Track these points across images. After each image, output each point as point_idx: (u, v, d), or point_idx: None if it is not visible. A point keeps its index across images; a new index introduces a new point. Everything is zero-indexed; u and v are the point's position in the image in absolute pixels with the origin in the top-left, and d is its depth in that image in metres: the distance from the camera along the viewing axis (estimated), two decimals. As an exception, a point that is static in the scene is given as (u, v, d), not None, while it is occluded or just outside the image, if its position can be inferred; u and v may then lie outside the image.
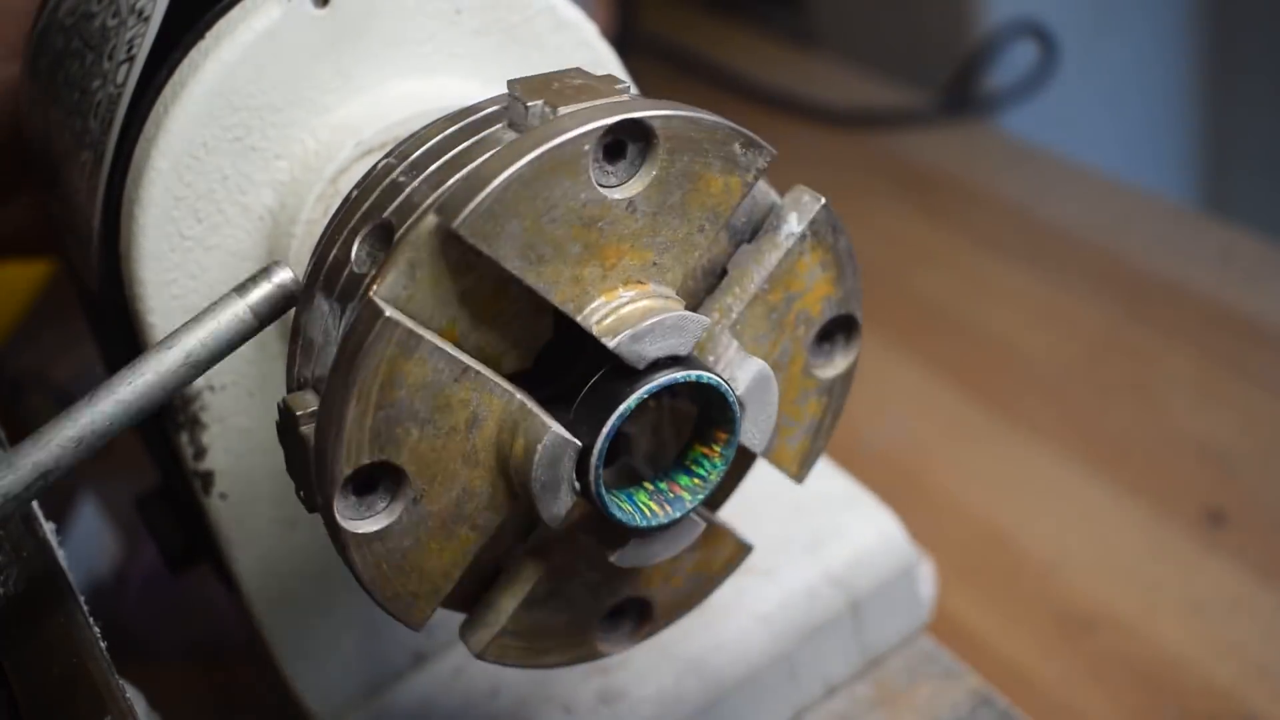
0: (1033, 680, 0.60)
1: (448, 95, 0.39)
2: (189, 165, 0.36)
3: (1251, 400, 0.73)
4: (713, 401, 0.32)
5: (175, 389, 0.29)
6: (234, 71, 0.36)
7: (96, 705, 0.27)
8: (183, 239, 0.37)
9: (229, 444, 0.39)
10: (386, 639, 0.45)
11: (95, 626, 0.30)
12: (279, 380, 0.39)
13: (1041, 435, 0.73)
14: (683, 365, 0.30)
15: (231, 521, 0.40)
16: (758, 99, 1.12)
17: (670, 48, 1.23)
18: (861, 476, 0.50)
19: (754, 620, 0.46)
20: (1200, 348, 0.78)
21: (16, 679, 0.29)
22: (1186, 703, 0.57)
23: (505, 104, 0.31)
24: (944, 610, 0.52)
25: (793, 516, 0.48)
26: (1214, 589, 0.62)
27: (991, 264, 0.90)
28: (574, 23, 0.41)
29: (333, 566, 0.42)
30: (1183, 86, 1.24)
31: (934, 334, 0.84)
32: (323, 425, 0.28)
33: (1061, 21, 1.10)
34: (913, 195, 0.99)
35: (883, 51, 1.19)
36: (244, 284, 0.30)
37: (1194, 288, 0.83)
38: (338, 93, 0.38)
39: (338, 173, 0.37)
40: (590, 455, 0.30)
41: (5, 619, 0.30)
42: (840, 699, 0.47)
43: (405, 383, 0.28)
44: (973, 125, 1.08)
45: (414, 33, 0.38)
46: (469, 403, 0.29)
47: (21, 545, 0.32)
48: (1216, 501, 0.67)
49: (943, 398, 0.78)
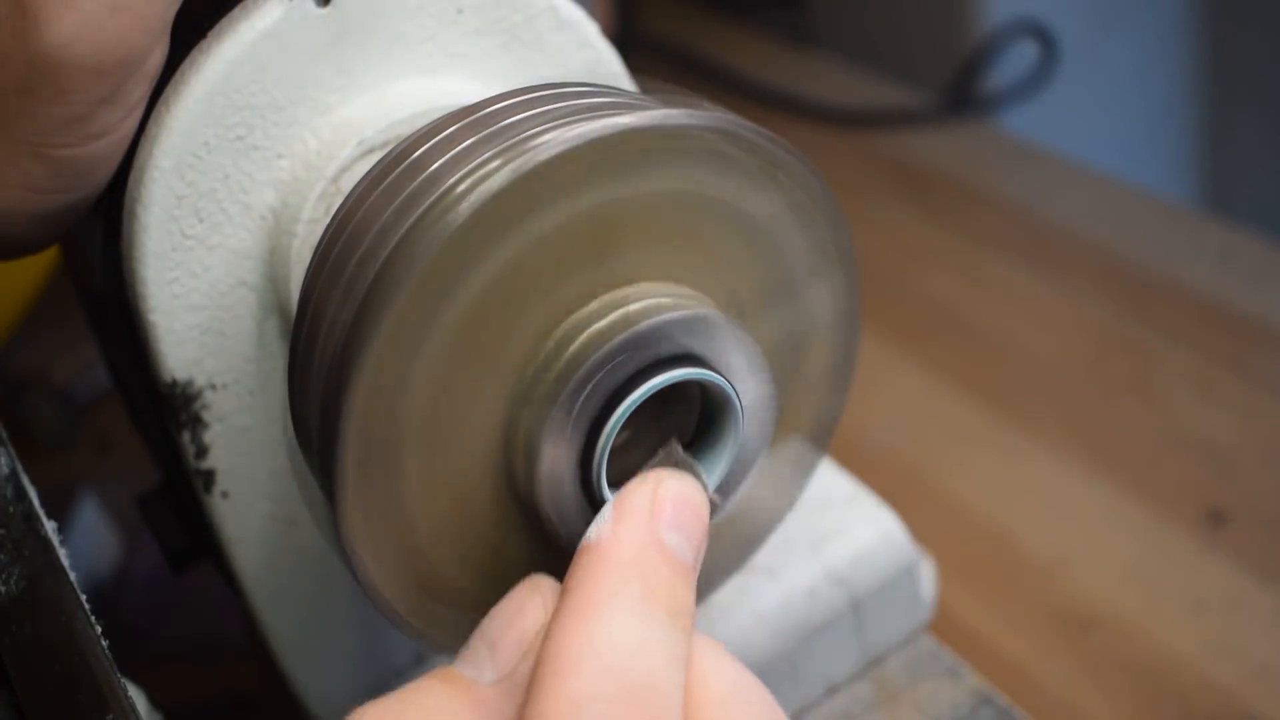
0: (1033, 679, 0.60)
1: (449, 94, 0.39)
2: (191, 164, 0.36)
3: (1251, 400, 0.73)
4: (713, 399, 0.32)
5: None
6: (236, 70, 0.36)
7: (98, 704, 0.27)
8: (184, 238, 0.37)
9: (230, 443, 0.39)
10: (387, 638, 0.45)
11: (96, 625, 0.30)
12: (280, 379, 0.39)
13: (1041, 435, 0.73)
14: (686, 363, 0.30)
15: (232, 520, 0.40)
16: (758, 99, 1.12)
17: (670, 47, 1.23)
18: (862, 476, 0.50)
19: (755, 619, 0.46)
20: (1200, 348, 0.78)
21: (18, 678, 0.29)
22: (1186, 702, 0.57)
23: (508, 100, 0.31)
24: (945, 610, 0.52)
25: (794, 516, 0.48)
26: (1214, 589, 0.62)
27: (991, 264, 0.90)
28: (575, 22, 0.41)
29: (333, 565, 0.42)
30: (1183, 86, 1.24)
31: (934, 334, 0.84)
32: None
33: (1061, 21, 1.10)
34: (913, 195, 0.99)
35: (883, 51, 1.19)
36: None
37: (1194, 288, 0.83)
38: (340, 92, 0.38)
39: (340, 171, 0.37)
40: (593, 454, 0.30)
41: (6, 618, 0.30)
42: (841, 698, 0.47)
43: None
44: (973, 125, 1.08)
45: (416, 32, 0.38)
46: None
47: (23, 544, 0.32)
48: (1216, 501, 0.67)
49: (943, 397, 0.78)
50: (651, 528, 0.28)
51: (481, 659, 0.28)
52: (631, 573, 0.27)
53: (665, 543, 0.28)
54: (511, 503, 0.32)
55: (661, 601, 0.26)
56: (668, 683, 0.26)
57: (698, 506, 0.29)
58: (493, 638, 0.28)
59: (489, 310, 0.29)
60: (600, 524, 0.28)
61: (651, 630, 0.26)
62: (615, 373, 0.30)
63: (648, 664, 0.25)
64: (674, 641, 0.26)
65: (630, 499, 0.28)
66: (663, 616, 0.26)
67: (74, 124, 0.33)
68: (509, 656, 0.28)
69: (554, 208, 0.29)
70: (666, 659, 0.26)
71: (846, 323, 0.36)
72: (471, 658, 0.28)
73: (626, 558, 0.27)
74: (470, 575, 0.32)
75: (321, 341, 0.30)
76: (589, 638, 0.25)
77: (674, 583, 0.27)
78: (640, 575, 0.27)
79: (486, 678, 0.27)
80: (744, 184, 0.31)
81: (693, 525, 0.28)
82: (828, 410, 0.38)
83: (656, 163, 0.30)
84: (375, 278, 0.28)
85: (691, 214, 0.31)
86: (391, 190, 0.31)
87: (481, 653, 0.28)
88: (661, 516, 0.28)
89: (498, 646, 0.28)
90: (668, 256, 0.31)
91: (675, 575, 0.27)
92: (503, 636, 0.28)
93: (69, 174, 0.34)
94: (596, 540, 0.27)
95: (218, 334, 0.38)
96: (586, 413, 0.30)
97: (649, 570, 0.27)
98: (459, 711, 0.27)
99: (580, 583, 0.27)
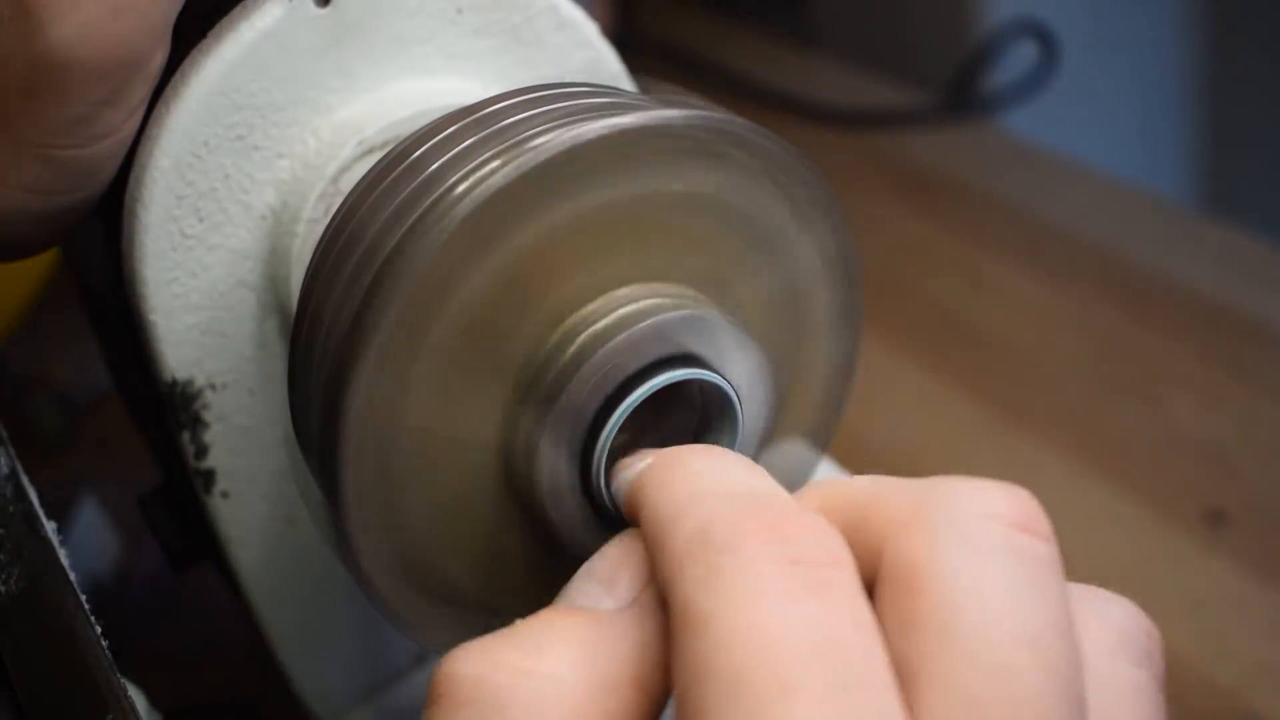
0: (1033, 680, 0.60)
1: (449, 94, 0.39)
2: (191, 164, 0.36)
3: (1252, 401, 0.73)
4: (713, 399, 0.32)
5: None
6: (236, 70, 0.36)
7: (98, 704, 0.27)
8: (184, 238, 0.37)
9: (230, 443, 0.39)
10: (387, 638, 0.45)
11: (97, 626, 0.30)
12: (280, 379, 0.39)
13: (1041, 435, 0.73)
14: (685, 363, 0.30)
15: (232, 520, 0.40)
16: (758, 99, 1.12)
17: (670, 47, 1.23)
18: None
19: (755, 620, 0.45)
20: (1201, 348, 0.78)
21: (18, 678, 0.29)
22: (1186, 702, 0.57)
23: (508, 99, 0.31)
24: (944, 610, 0.52)
25: (793, 516, 0.48)
26: (1214, 589, 0.62)
27: (991, 264, 0.90)
28: (576, 22, 0.41)
29: (333, 565, 0.42)
30: (1183, 87, 1.24)
31: (934, 334, 0.84)
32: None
33: (1062, 22, 1.10)
34: (913, 195, 0.99)
35: (883, 51, 1.19)
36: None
37: (1194, 288, 0.83)
38: (340, 92, 0.38)
39: (340, 171, 0.37)
40: (593, 455, 0.30)
41: (6, 618, 0.30)
42: (841, 699, 0.47)
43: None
44: (973, 125, 1.08)
45: (415, 32, 0.38)
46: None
47: (23, 544, 0.32)
48: (1216, 501, 0.67)
49: (943, 397, 0.78)
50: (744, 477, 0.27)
51: (597, 594, 0.26)
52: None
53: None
54: (511, 502, 0.32)
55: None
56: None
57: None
58: (603, 576, 0.27)
59: (489, 310, 0.29)
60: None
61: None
62: (615, 373, 0.30)
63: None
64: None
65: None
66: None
67: (76, 125, 0.33)
68: (628, 587, 0.26)
69: (554, 208, 0.29)
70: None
71: (846, 325, 0.36)
72: (583, 592, 0.27)
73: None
74: (470, 574, 0.32)
75: (321, 341, 0.30)
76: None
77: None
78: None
79: (606, 605, 0.26)
80: (744, 184, 0.31)
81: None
82: (828, 411, 0.38)
83: (656, 163, 0.30)
84: (375, 278, 0.28)
85: (691, 214, 0.31)
86: (391, 190, 0.31)
87: (594, 589, 0.26)
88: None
89: (614, 581, 0.26)
90: (668, 257, 0.31)
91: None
92: (617, 572, 0.27)
93: (71, 175, 0.34)
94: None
95: (218, 334, 0.38)
96: (586, 413, 0.30)
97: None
98: (582, 634, 0.25)
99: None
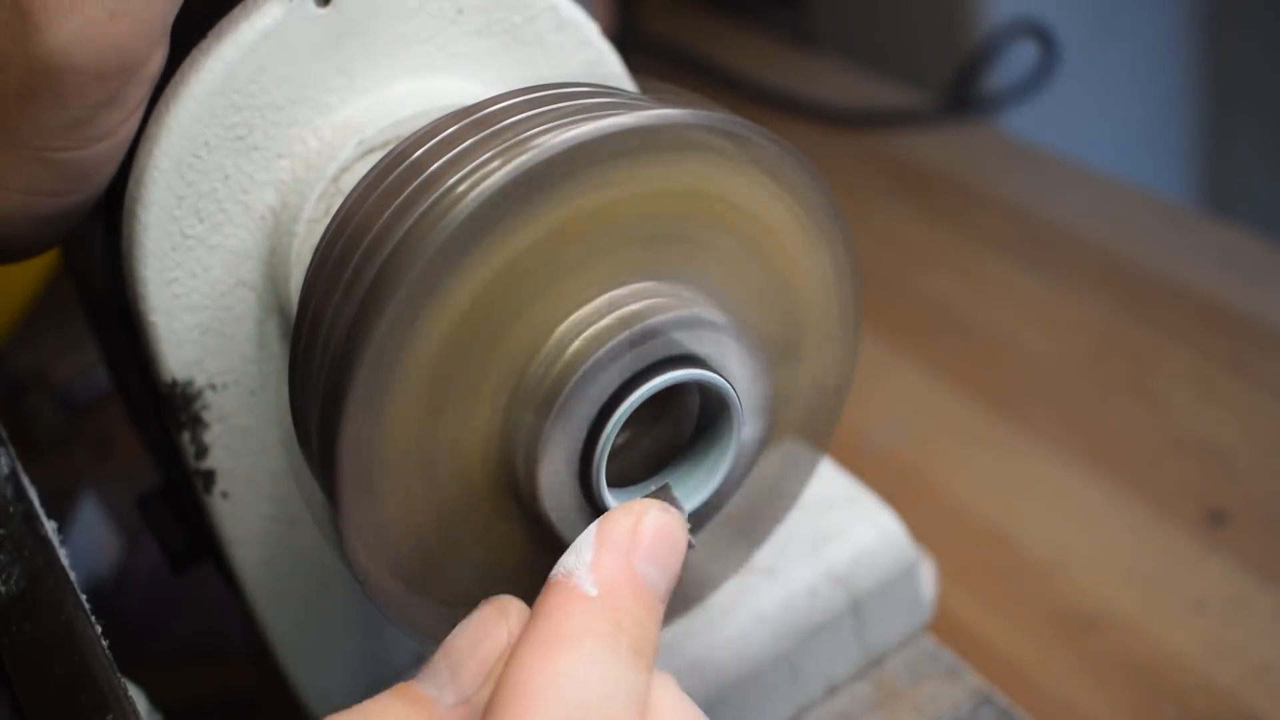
0: (1033, 679, 0.60)
1: (449, 94, 0.39)
2: (191, 164, 0.36)
3: (1251, 400, 0.73)
4: (713, 400, 0.32)
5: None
6: (236, 70, 0.36)
7: (98, 704, 0.27)
8: (185, 238, 0.37)
9: (230, 443, 0.39)
10: (387, 638, 0.45)
11: (96, 625, 0.30)
12: (280, 379, 0.39)
13: (1042, 435, 0.73)
14: (685, 363, 0.30)
15: (232, 520, 0.40)
16: (758, 99, 1.12)
17: (670, 47, 1.23)
18: (862, 476, 0.50)
19: (755, 619, 0.46)
20: (1200, 348, 0.78)
21: (18, 678, 0.29)
22: (1186, 703, 0.57)
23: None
24: (945, 610, 0.52)
25: (794, 516, 0.48)
26: (1214, 589, 0.62)
27: (991, 264, 0.90)
28: (576, 22, 0.41)
29: (333, 565, 0.42)
30: (1183, 86, 1.24)
31: (934, 334, 0.84)
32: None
33: (1062, 22, 1.10)
34: (913, 195, 0.99)
35: (883, 51, 1.19)
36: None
37: (1194, 288, 0.83)
38: (340, 92, 0.38)
39: (340, 171, 0.37)
40: (593, 455, 0.30)
41: (6, 618, 0.30)
42: (841, 698, 0.47)
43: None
44: (973, 125, 1.08)
45: (416, 32, 0.38)
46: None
47: (23, 544, 0.32)
48: (1216, 501, 0.67)
49: (943, 397, 0.78)
50: (629, 561, 0.27)
51: (443, 679, 0.28)
52: (603, 608, 0.26)
53: (639, 575, 0.27)
54: (511, 502, 0.32)
55: (627, 640, 0.26)
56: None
57: (677, 541, 0.29)
58: (455, 659, 0.28)
59: (488, 310, 0.29)
60: (578, 554, 0.28)
61: (614, 669, 0.26)
62: (615, 373, 0.30)
63: (608, 706, 0.25)
64: (636, 681, 0.26)
65: (612, 529, 0.28)
66: (627, 655, 0.26)
67: (74, 127, 0.33)
68: (470, 680, 0.28)
69: (554, 207, 0.29)
70: (626, 700, 0.26)
71: (846, 325, 0.36)
72: (434, 676, 0.28)
73: (599, 592, 0.27)
74: (470, 574, 0.32)
75: (321, 341, 0.30)
76: (552, 672, 0.25)
77: (643, 619, 0.27)
78: (611, 612, 0.26)
79: (447, 699, 0.27)
80: (743, 183, 0.31)
81: (669, 558, 0.28)
82: (827, 411, 0.38)
83: (656, 162, 0.30)
84: (375, 278, 0.28)
85: (691, 213, 0.31)
86: (391, 190, 0.31)
87: (444, 673, 0.28)
88: (640, 548, 0.28)
89: (460, 668, 0.28)
90: (667, 256, 0.31)
91: (645, 612, 0.27)
92: (466, 658, 0.28)
93: (70, 177, 0.34)
94: (571, 570, 0.27)
95: (218, 334, 0.38)
96: (586, 413, 0.30)
97: (620, 607, 0.27)
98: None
99: (549, 613, 0.26)
